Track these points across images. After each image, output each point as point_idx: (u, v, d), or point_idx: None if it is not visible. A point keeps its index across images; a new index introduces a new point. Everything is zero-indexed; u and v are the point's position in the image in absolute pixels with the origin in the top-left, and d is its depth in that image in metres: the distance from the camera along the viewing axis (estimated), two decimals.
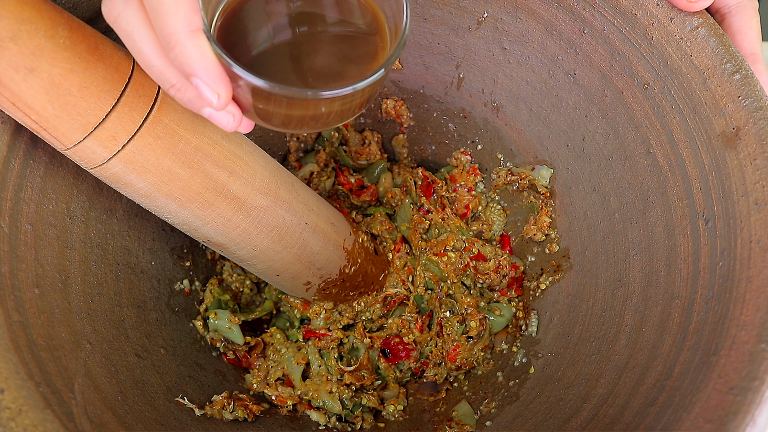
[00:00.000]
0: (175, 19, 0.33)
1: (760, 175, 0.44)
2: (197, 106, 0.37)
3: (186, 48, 0.34)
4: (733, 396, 0.39)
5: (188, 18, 0.34)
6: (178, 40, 0.34)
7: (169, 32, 0.33)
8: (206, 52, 0.34)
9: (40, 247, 0.49)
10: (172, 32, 0.33)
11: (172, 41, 0.34)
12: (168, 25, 0.33)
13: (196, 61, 0.34)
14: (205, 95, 0.35)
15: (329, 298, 0.63)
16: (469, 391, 0.63)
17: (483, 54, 0.62)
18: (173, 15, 0.33)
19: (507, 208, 0.68)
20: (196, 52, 0.34)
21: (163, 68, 0.36)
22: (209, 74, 0.35)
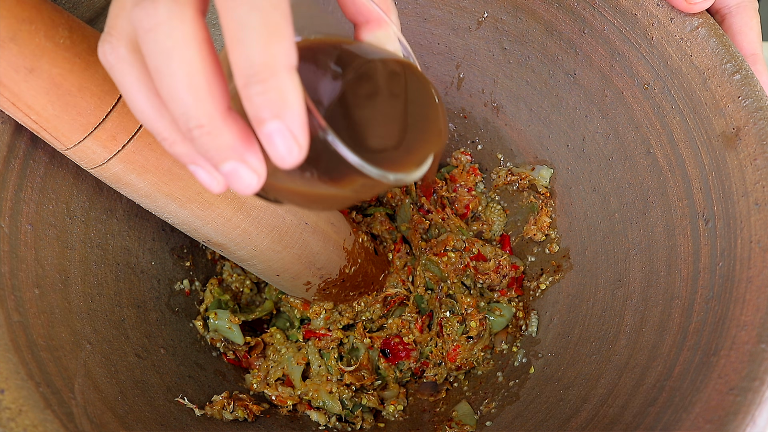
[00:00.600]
0: (279, 47, 0.27)
1: (761, 175, 0.44)
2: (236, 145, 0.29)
3: (284, 83, 0.27)
4: (733, 396, 0.39)
5: (290, 50, 0.27)
6: (275, 72, 0.27)
7: (263, 61, 0.27)
8: (301, 95, 0.28)
9: (40, 247, 0.49)
10: (269, 62, 0.27)
11: (265, 72, 0.27)
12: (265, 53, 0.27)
13: (292, 101, 0.27)
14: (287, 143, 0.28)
15: (329, 298, 0.63)
16: (469, 391, 0.63)
17: (483, 54, 0.62)
18: (277, 42, 0.27)
19: (507, 208, 0.68)
20: (293, 91, 0.27)
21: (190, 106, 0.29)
22: (300, 120, 0.27)
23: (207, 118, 0.28)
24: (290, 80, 0.27)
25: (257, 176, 0.30)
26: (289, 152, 0.28)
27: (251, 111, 0.27)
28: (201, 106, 0.28)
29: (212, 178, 0.32)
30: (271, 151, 0.28)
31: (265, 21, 0.27)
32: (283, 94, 0.27)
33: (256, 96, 0.27)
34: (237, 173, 0.30)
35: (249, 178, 0.30)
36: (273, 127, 0.27)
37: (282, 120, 0.27)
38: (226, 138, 0.29)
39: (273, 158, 0.28)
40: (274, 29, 0.27)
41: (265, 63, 0.27)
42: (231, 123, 0.29)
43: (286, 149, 0.28)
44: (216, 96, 0.28)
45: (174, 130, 0.31)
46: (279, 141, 0.27)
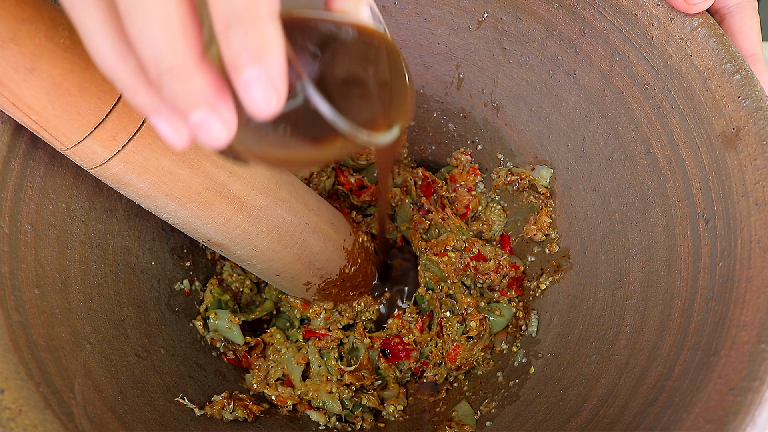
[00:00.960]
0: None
1: (761, 176, 0.44)
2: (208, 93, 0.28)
3: (267, 28, 0.26)
4: (733, 396, 0.39)
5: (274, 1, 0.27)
6: (258, 16, 0.26)
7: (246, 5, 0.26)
8: (283, 42, 0.27)
9: (40, 247, 0.49)
10: (252, 6, 0.26)
11: (247, 15, 0.26)
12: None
13: (273, 48, 0.26)
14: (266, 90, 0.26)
15: (329, 298, 0.63)
16: (469, 391, 0.63)
17: (483, 54, 0.62)
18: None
19: (507, 208, 0.68)
20: (276, 38, 0.26)
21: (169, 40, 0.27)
22: (280, 67, 0.26)
23: (179, 62, 0.27)
24: (273, 26, 0.26)
25: (227, 128, 0.28)
26: (267, 101, 0.27)
27: (229, 55, 0.26)
28: (174, 49, 0.27)
29: (175, 131, 0.30)
30: (248, 100, 0.26)
31: None
32: (265, 40, 0.26)
33: (236, 40, 0.26)
34: (206, 124, 0.28)
35: (218, 129, 0.28)
36: (252, 74, 0.26)
37: (262, 66, 0.26)
38: (197, 84, 0.27)
39: (249, 107, 0.27)
40: None
41: (248, 6, 0.26)
42: (204, 69, 0.27)
43: (264, 98, 0.26)
44: (190, 39, 0.27)
45: (137, 78, 0.29)
46: (257, 89, 0.26)
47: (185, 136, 0.30)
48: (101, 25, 0.28)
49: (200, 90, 0.27)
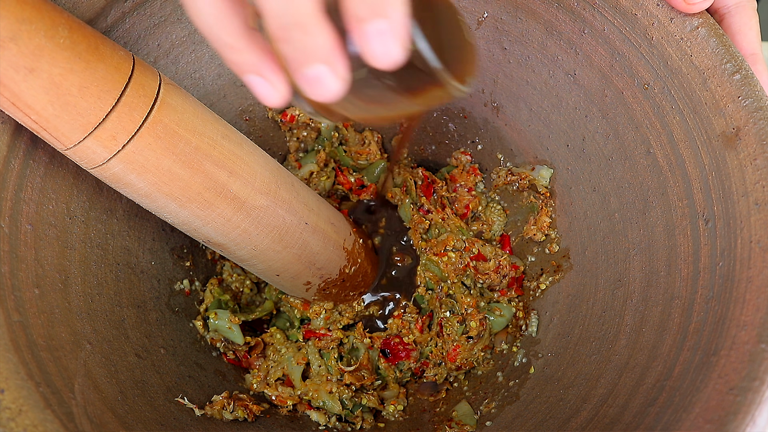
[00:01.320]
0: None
1: (760, 175, 0.44)
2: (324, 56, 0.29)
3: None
4: (733, 396, 0.39)
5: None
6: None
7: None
8: None
9: (40, 247, 0.49)
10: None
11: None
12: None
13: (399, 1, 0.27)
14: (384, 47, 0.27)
15: (329, 298, 0.63)
16: (469, 391, 0.63)
17: (483, 54, 0.62)
18: None
19: (507, 208, 0.68)
20: None
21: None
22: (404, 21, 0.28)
23: (307, 17, 0.28)
24: (321, 27, 0.27)
25: (341, 82, 0.29)
26: (389, 53, 0.28)
27: (353, 7, 0.27)
28: (302, 5, 0.27)
29: (274, 89, 0.31)
30: (373, 50, 0.27)
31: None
32: (318, 41, 0.27)
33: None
34: (323, 78, 0.29)
35: (334, 83, 0.29)
36: (380, 26, 0.27)
37: (388, 19, 0.27)
38: (321, 39, 0.28)
39: (372, 57, 0.28)
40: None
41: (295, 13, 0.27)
42: (327, 24, 0.28)
43: (386, 49, 0.27)
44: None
45: (240, 37, 0.31)
46: (381, 40, 0.27)
47: (284, 93, 0.32)
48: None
49: (324, 44, 0.28)
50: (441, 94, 0.34)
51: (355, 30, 0.27)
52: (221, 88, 0.64)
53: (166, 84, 0.46)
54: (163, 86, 0.45)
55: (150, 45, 0.57)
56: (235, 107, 0.66)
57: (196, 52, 0.61)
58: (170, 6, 0.56)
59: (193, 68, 0.61)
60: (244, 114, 0.67)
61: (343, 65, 0.29)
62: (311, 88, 0.29)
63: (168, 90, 0.46)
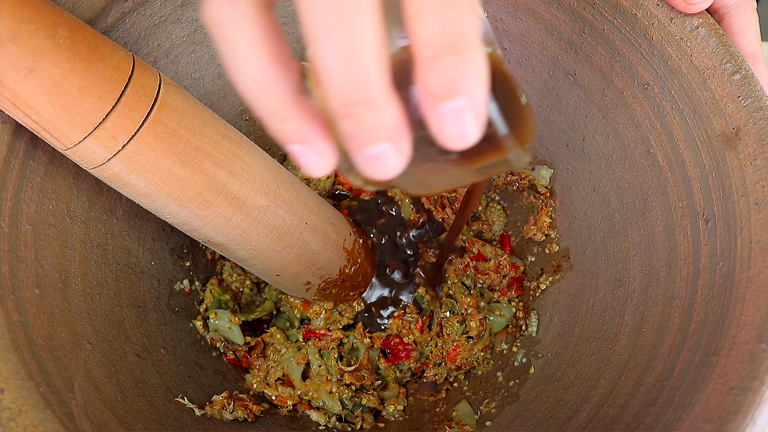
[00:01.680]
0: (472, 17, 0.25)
1: (761, 175, 0.44)
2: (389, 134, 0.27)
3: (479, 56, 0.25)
4: (733, 396, 0.39)
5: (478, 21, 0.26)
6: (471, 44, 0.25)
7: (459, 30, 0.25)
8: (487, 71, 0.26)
9: (40, 247, 0.49)
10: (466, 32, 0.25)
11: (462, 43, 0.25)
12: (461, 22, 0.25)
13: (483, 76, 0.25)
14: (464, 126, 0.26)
15: (329, 298, 0.63)
16: (469, 391, 0.63)
17: None
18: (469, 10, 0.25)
19: (507, 208, 0.68)
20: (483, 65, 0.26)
21: None
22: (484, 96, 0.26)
23: (376, 92, 0.25)
24: (482, 54, 0.25)
25: (403, 160, 0.27)
26: (465, 134, 0.26)
27: (433, 85, 0.25)
28: (371, 80, 0.25)
29: (321, 158, 0.29)
30: (447, 131, 0.26)
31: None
32: (479, 68, 0.25)
33: (446, 69, 0.25)
34: (385, 155, 0.27)
35: (395, 161, 0.27)
36: (458, 105, 0.25)
37: (468, 97, 0.25)
38: (389, 117, 0.26)
39: (448, 138, 0.26)
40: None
41: (462, 33, 0.25)
42: (395, 101, 0.26)
43: (463, 130, 0.26)
44: (385, 69, 0.26)
45: (289, 104, 0.28)
46: (458, 121, 0.25)
47: (332, 163, 0.29)
48: (255, 47, 0.27)
49: (391, 122, 0.26)
50: (502, 162, 0.32)
51: (429, 108, 0.25)
52: (221, 88, 0.64)
53: (166, 84, 0.46)
54: (163, 86, 0.45)
55: (150, 45, 0.57)
56: (235, 107, 0.66)
57: (196, 52, 0.61)
58: (170, 6, 0.56)
59: (193, 68, 0.61)
60: (244, 114, 0.67)
61: (407, 142, 0.27)
62: (370, 167, 0.27)
63: (168, 90, 0.46)
